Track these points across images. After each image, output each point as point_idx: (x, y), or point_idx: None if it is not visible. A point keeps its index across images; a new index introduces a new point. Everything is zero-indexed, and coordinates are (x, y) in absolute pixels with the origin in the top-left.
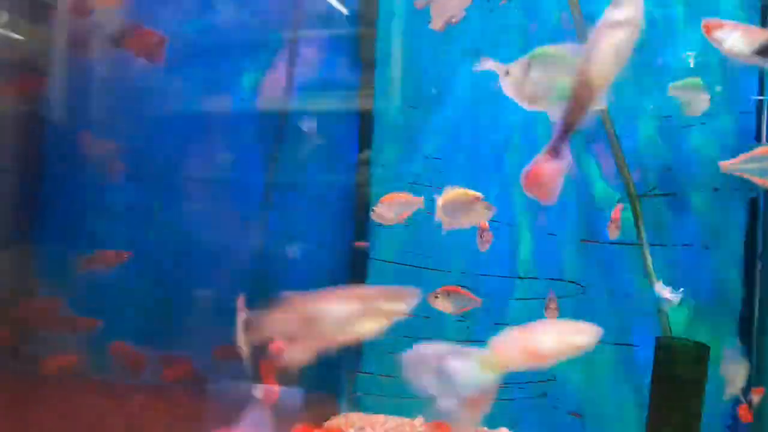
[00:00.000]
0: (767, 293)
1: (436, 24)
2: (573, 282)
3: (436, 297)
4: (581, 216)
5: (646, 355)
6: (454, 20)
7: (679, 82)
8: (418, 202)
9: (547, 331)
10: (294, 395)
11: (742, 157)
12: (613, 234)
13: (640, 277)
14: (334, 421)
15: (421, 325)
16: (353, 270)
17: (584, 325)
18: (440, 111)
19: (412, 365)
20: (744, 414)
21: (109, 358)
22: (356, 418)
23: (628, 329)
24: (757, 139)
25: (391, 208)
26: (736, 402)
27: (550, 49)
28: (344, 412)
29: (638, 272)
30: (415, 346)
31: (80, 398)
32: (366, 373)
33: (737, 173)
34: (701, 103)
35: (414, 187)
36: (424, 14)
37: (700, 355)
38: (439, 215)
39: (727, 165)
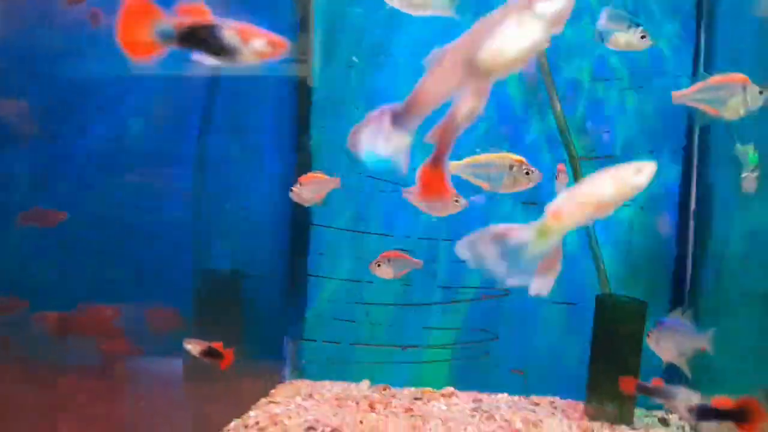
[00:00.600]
0: (700, 251)
1: None
2: None
3: (379, 265)
4: None
5: (585, 312)
6: None
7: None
8: (335, 182)
9: (604, 179)
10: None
11: (694, 87)
12: (562, 184)
13: (580, 237)
14: (281, 389)
15: (364, 290)
16: (294, 235)
17: (637, 164)
18: (382, 74)
19: (470, 250)
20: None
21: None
22: (302, 385)
23: (568, 288)
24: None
25: (308, 188)
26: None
27: None
28: (289, 380)
29: (578, 233)
30: (470, 234)
31: None
32: (309, 340)
33: (689, 103)
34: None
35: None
36: None
37: (638, 311)
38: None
39: (679, 95)
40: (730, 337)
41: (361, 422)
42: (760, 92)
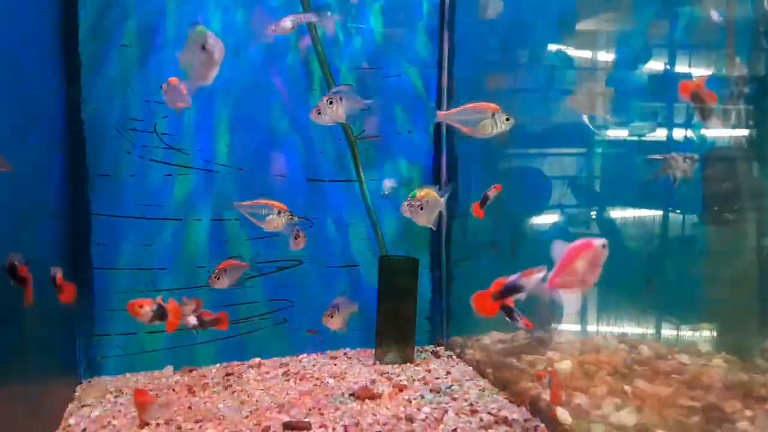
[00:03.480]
0: (450, 213)
1: None
2: (304, 218)
3: (218, 278)
4: (305, 159)
5: (367, 272)
6: None
7: None
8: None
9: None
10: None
11: (454, 110)
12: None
13: (359, 208)
14: (86, 391)
15: (155, 277)
16: (74, 227)
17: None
18: (158, 51)
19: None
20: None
21: None
22: (106, 382)
23: (351, 252)
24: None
25: None
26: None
27: None
28: (87, 379)
29: (356, 204)
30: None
31: None
32: (102, 335)
33: (449, 122)
34: None
35: (134, 134)
36: None
37: (412, 267)
38: None
39: (442, 114)
40: (472, 275)
41: (190, 408)
42: (507, 119)
